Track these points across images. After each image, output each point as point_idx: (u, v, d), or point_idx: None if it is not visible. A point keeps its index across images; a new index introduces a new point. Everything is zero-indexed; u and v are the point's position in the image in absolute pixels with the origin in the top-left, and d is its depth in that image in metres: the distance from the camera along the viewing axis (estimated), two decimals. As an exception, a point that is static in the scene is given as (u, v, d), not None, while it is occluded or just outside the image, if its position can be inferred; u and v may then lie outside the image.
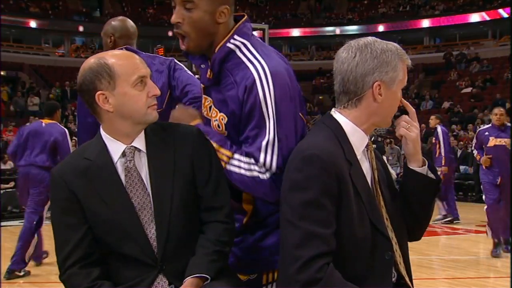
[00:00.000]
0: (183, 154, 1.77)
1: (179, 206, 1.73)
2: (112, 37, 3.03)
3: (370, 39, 1.75)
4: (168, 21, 27.76)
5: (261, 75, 1.78)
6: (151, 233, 1.71)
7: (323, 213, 1.60)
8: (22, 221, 10.22)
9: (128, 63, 1.72)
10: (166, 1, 30.17)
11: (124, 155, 1.73)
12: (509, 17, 25.09)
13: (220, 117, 1.87)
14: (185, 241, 1.74)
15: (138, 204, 1.71)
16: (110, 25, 3.07)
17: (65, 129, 6.24)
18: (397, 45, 1.77)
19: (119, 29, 3.04)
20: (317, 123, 1.83)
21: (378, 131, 11.29)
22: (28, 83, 24.48)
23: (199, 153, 1.78)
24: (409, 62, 1.77)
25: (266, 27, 13.61)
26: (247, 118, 1.80)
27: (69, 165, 1.76)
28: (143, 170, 1.74)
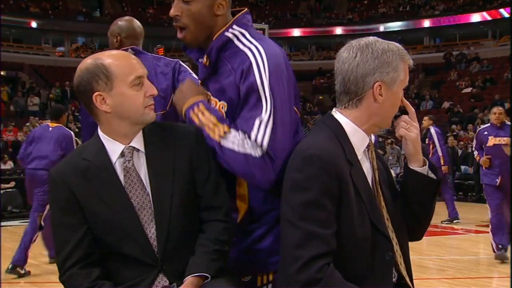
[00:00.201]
0: (182, 153, 1.77)
1: (178, 205, 1.73)
2: (118, 37, 3.01)
3: (371, 39, 1.75)
4: (168, 21, 27.78)
5: (257, 58, 1.78)
6: (151, 232, 1.71)
7: (323, 213, 1.60)
8: (22, 221, 10.27)
9: (125, 63, 1.71)
10: (166, 1, 30.17)
11: (122, 155, 1.73)
12: (509, 17, 25.09)
13: (220, 105, 1.87)
14: (185, 240, 1.74)
15: (137, 204, 1.71)
16: (116, 25, 3.05)
17: (71, 132, 6.47)
18: (398, 45, 1.76)
19: (126, 29, 3.03)
20: (318, 123, 1.83)
21: (378, 131, 11.25)
22: (28, 83, 24.48)
23: (198, 153, 1.78)
24: (411, 62, 1.76)
25: (266, 27, 13.63)
26: (244, 100, 1.78)
27: (68, 165, 1.76)
28: (142, 170, 1.74)
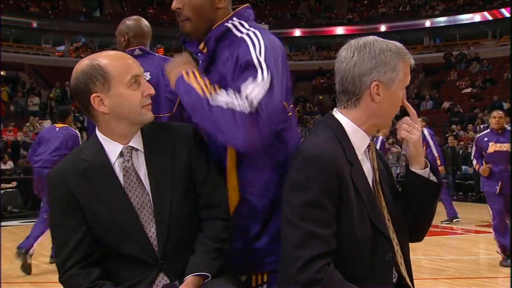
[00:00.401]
0: (180, 152, 1.77)
1: (178, 204, 1.73)
2: (126, 36, 3.02)
3: (370, 38, 1.75)
4: (168, 21, 27.80)
5: (254, 40, 1.77)
6: (151, 232, 1.71)
7: (323, 214, 1.60)
8: (22, 221, 10.28)
9: (121, 63, 1.71)
10: (166, 1, 30.17)
11: (121, 155, 1.73)
12: (509, 17, 25.08)
13: None
14: (185, 239, 1.74)
15: (137, 203, 1.71)
16: (124, 25, 3.06)
17: (77, 132, 6.70)
18: (398, 45, 1.75)
19: (133, 28, 3.04)
20: (319, 123, 1.83)
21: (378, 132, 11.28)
22: (28, 83, 24.48)
23: (197, 152, 1.79)
24: (412, 62, 1.75)
25: (266, 27, 13.64)
26: (240, 74, 1.75)
27: (67, 166, 1.76)
28: (141, 169, 1.74)
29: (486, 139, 6.59)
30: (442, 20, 29.51)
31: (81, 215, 1.69)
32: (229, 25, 1.86)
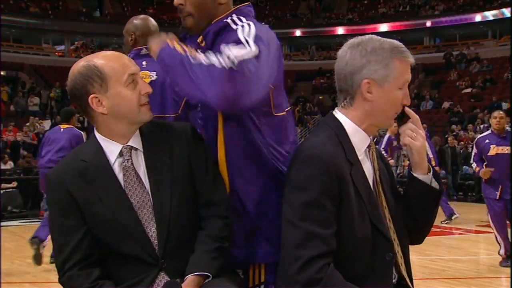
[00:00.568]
0: (179, 151, 1.77)
1: (178, 203, 1.73)
2: (133, 35, 3.03)
3: (367, 37, 1.75)
4: (168, 21, 27.78)
5: (245, 28, 1.77)
6: (152, 231, 1.71)
7: (323, 214, 1.60)
8: (22, 221, 10.28)
9: (117, 63, 1.71)
10: (166, 1, 30.17)
11: (121, 154, 1.73)
12: (509, 17, 25.08)
13: None
14: (186, 238, 1.74)
15: (137, 202, 1.71)
16: (132, 24, 3.07)
17: (82, 133, 6.76)
18: (395, 43, 1.73)
19: (141, 27, 3.04)
20: (320, 122, 1.83)
21: (378, 131, 11.33)
22: (28, 83, 24.47)
23: (195, 150, 1.79)
24: (411, 60, 1.73)
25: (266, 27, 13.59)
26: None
27: (66, 167, 1.75)
28: (141, 168, 1.74)
29: (487, 141, 6.41)
30: (442, 20, 29.50)
31: (81, 216, 1.69)
32: (228, 21, 1.87)
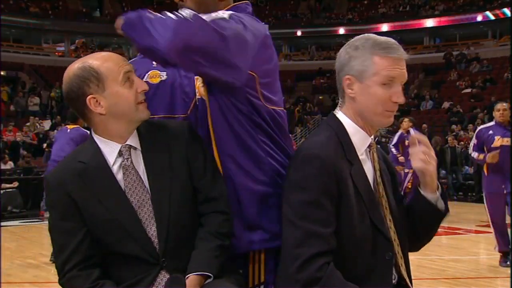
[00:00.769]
0: (177, 149, 1.77)
1: (178, 201, 1.73)
2: None
3: (361, 35, 1.76)
4: (168, 21, 27.77)
5: (233, 14, 1.77)
6: (152, 230, 1.70)
7: (322, 213, 1.61)
8: (22, 221, 10.28)
9: (112, 62, 1.72)
10: (166, 1, 30.17)
11: (120, 154, 1.73)
12: (509, 17, 25.07)
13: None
14: (186, 236, 1.74)
15: (138, 201, 1.71)
16: None
17: (88, 132, 6.77)
18: (379, 40, 1.71)
19: None
20: (322, 122, 1.84)
21: (378, 131, 11.30)
22: (28, 83, 24.47)
23: (192, 147, 1.79)
24: (394, 55, 1.69)
25: (266, 27, 13.58)
26: None
27: (64, 169, 1.75)
28: (140, 168, 1.74)
29: (491, 132, 6.11)
30: (442, 20, 29.49)
31: (80, 217, 1.69)
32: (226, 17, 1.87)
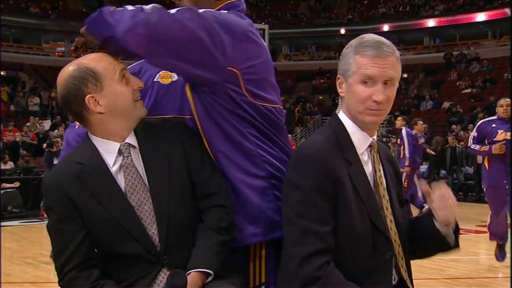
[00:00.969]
0: (174, 146, 1.78)
1: (177, 198, 1.73)
2: None
3: (362, 36, 1.75)
4: (168, 21, 27.78)
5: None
6: (153, 228, 1.70)
7: (318, 211, 1.62)
8: (22, 221, 10.28)
9: (106, 62, 1.72)
10: (165, 1, 30.17)
11: (120, 153, 1.73)
12: (509, 17, 25.07)
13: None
14: (186, 233, 1.73)
15: (138, 199, 1.71)
16: None
17: None
18: (364, 39, 1.70)
19: None
20: (326, 122, 1.84)
21: (379, 131, 11.25)
22: (28, 83, 24.47)
23: (189, 143, 1.79)
24: (369, 52, 1.66)
25: (266, 27, 13.60)
26: None
27: (62, 170, 1.74)
28: (140, 166, 1.74)
29: (494, 125, 5.94)
30: (442, 20, 29.50)
31: (79, 219, 1.68)
32: None
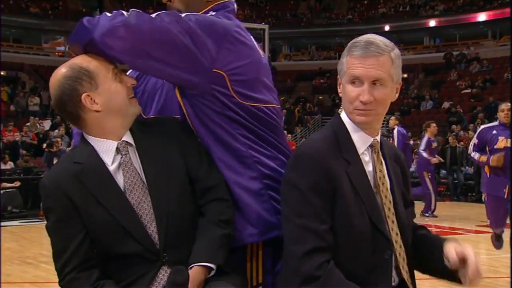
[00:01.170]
0: (171, 144, 1.78)
1: (176, 195, 1.73)
2: None
3: (360, 36, 1.76)
4: (168, 21, 27.79)
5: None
6: (152, 226, 1.70)
7: (315, 210, 1.62)
8: (22, 221, 10.28)
9: (98, 61, 1.72)
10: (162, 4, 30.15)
11: (118, 151, 1.73)
12: (509, 17, 25.08)
13: None
14: (186, 230, 1.73)
15: (137, 198, 1.71)
16: None
17: None
18: (356, 40, 1.71)
19: None
20: (328, 122, 1.85)
21: (383, 132, 11.33)
22: (28, 83, 24.47)
23: (186, 140, 1.80)
24: (355, 53, 1.67)
25: (266, 27, 13.61)
26: None
27: (60, 171, 1.74)
28: (137, 164, 1.74)
29: (494, 132, 5.77)
30: (442, 20, 29.51)
31: (79, 219, 1.68)
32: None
